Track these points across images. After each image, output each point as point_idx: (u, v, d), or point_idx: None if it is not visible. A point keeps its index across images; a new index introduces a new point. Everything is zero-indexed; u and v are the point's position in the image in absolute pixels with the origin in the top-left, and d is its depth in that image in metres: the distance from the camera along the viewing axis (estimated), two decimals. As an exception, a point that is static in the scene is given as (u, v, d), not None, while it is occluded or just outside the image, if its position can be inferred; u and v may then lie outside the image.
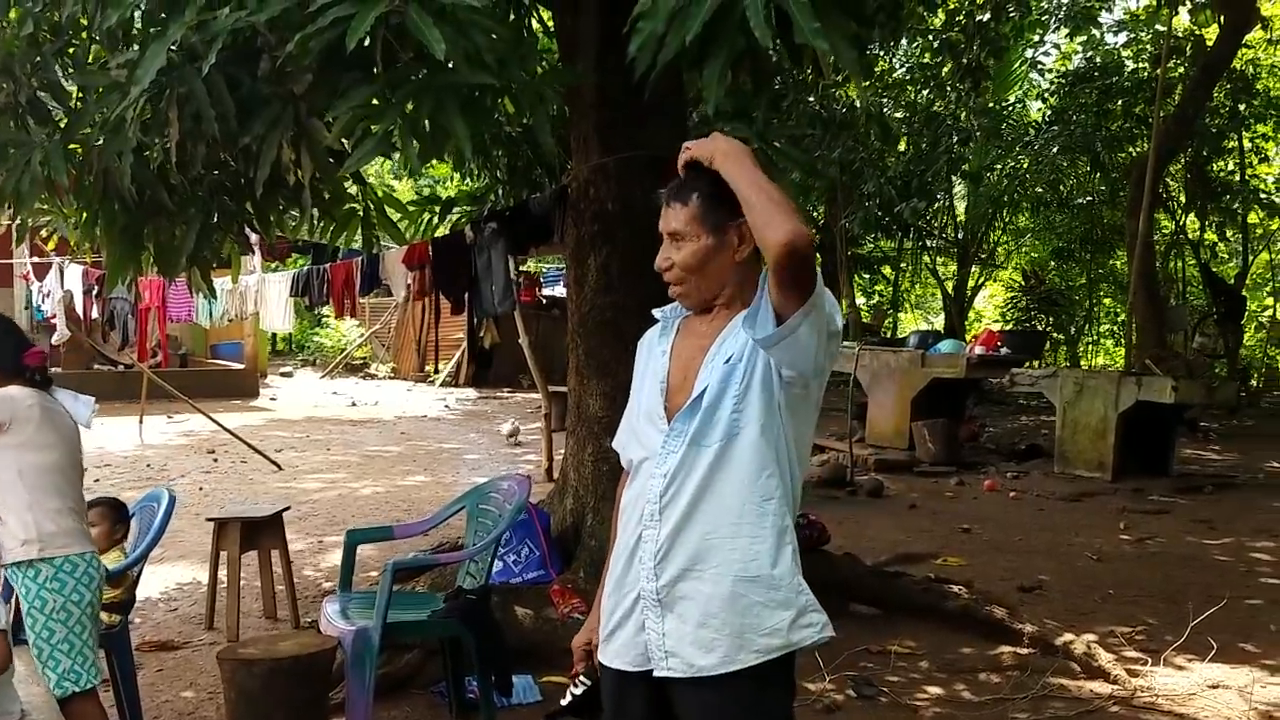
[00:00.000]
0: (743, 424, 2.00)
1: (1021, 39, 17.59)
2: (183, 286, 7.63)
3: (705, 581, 2.00)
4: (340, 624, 3.58)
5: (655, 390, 2.12)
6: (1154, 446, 9.96)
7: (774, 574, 2.00)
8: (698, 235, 2.06)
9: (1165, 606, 5.50)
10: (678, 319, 2.20)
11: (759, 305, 1.94)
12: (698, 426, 2.02)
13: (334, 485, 9.35)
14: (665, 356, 2.15)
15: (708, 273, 2.08)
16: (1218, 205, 17.55)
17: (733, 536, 2.00)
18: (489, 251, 5.92)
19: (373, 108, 3.31)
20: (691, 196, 2.06)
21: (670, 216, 2.08)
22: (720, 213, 2.06)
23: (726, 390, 2.01)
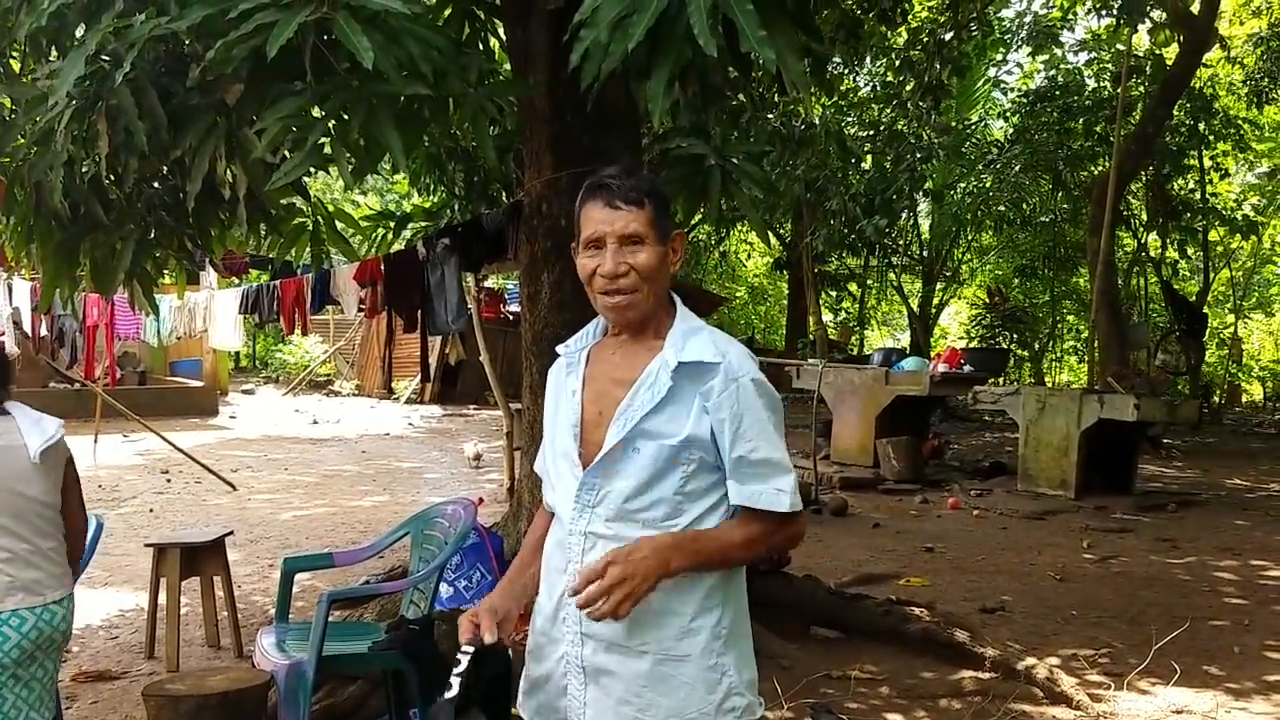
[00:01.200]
0: (689, 508, 1.89)
1: (984, 58, 17.76)
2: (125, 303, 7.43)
3: (631, 657, 1.88)
4: (274, 657, 3.42)
5: (568, 433, 1.96)
6: (1117, 464, 9.97)
7: (705, 653, 1.89)
8: (653, 241, 1.90)
9: (1128, 628, 5.43)
10: (584, 350, 2.04)
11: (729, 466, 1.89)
12: (629, 497, 1.87)
13: (289, 506, 9.14)
14: (576, 397, 1.98)
15: (657, 282, 1.93)
16: (1178, 223, 17.72)
17: (663, 613, 1.87)
18: (442, 268, 5.79)
19: (303, 118, 3.19)
20: (645, 200, 1.90)
21: (625, 219, 1.89)
22: (667, 221, 1.95)
23: (670, 472, 1.87)
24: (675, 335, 1.93)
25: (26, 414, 2.90)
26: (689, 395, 1.88)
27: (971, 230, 20.14)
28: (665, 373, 1.88)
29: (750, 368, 1.92)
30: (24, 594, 2.77)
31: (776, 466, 1.89)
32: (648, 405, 1.88)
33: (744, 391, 1.88)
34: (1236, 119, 16.50)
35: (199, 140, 3.59)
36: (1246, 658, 4.86)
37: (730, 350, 1.91)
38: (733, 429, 1.86)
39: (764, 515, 1.89)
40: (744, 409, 1.87)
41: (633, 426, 1.87)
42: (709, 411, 1.87)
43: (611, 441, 1.88)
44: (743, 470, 1.88)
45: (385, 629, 3.70)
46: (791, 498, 1.89)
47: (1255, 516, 8.78)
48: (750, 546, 1.91)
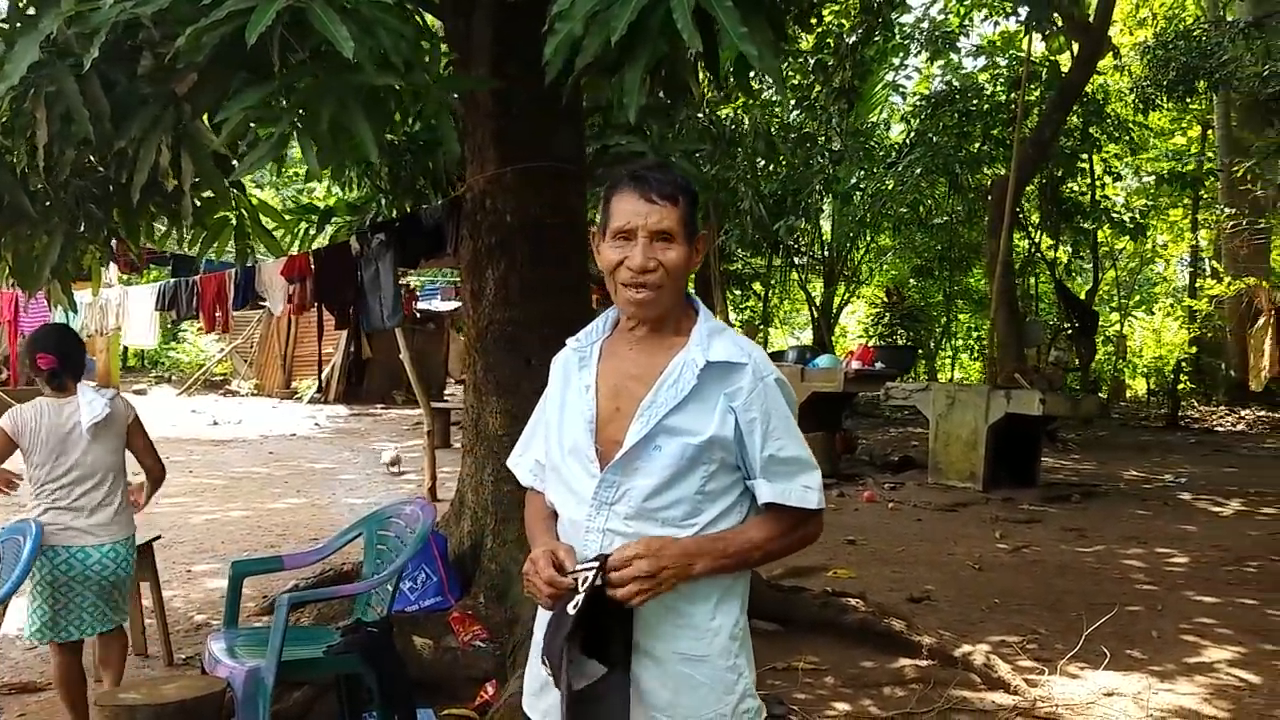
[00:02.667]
0: (708, 508, 1.90)
1: (884, 62, 18.21)
2: (39, 300, 7.10)
3: (648, 659, 1.87)
4: (229, 663, 3.33)
5: (582, 429, 1.93)
6: (1021, 457, 10.35)
7: (724, 653, 1.91)
8: (682, 239, 1.91)
9: (1050, 615, 5.65)
10: (595, 343, 2.02)
11: (754, 462, 1.90)
12: (650, 495, 1.87)
13: (199, 510, 8.84)
14: (590, 392, 1.96)
15: (681, 280, 1.94)
16: (1071, 225, 18.44)
17: (683, 615, 1.88)
18: (377, 264, 5.69)
19: (267, 109, 3.10)
20: (679, 198, 1.91)
21: (659, 214, 1.88)
22: (695, 221, 1.96)
23: (691, 471, 1.88)
24: (700, 334, 1.94)
25: (84, 393, 3.84)
26: (713, 395, 1.89)
27: (871, 231, 20.62)
28: (691, 371, 1.89)
29: (774, 368, 1.96)
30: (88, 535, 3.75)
31: (804, 464, 1.93)
32: (671, 402, 1.88)
33: (771, 391, 1.91)
34: (1127, 123, 17.25)
35: (145, 131, 3.46)
36: (1165, 641, 5.10)
37: (754, 351, 1.94)
38: (763, 428, 1.89)
39: (790, 513, 1.92)
40: (772, 408, 1.90)
41: (656, 423, 1.87)
42: (735, 412, 1.88)
43: (634, 438, 1.88)
44: (773, 469, 1.90)
45: (340, 632, 3.63)
46: (818, 495, 1.93)
47: (1154, 506, 9.22)
48: (772, 545, 1.93)
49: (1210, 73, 14.04)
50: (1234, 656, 4.84)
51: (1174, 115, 20.31)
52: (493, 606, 4.57)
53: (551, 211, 4.84)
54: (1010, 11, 14.68)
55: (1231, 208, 17.65)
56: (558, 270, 4.85)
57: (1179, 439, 14.57)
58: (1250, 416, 16.92)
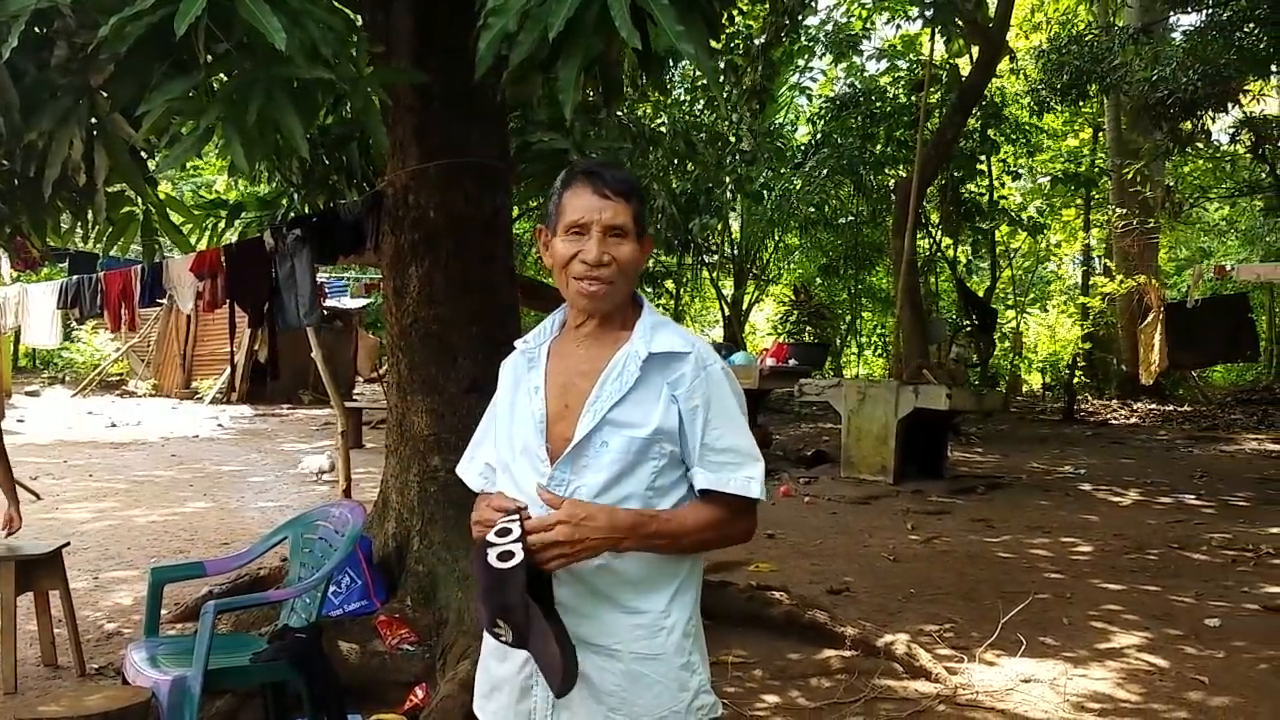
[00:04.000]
0: (659, 503, 1.89)
1: (790, 64, 18.49)
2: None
3: (603, 657, 1.87)
4: (152, 673, 3.22)
5: (532, 429, 1.93)
6: (929, 451, 10.63)
7: (678, 650, 1.91)
8: (633, 236, 1.92)
9: (964, 604, 5.81)
10: (543, 345, 2.02)
11: (692, 450, 1.90)
12: (600, 492, 1.86)
13: (103, 515, 8.52)
14: (539, 393, 1.96)
15: (631, 277, 1.95)
16: (971, 224, 18.97)
17: (636, 611, 1.88)
18: (292, 260, 5.53)
19: (191, 102, 3.01)
20: (632, 196, 1.92)
21: (612, 209, 1.89)
22: (645, 221, 1.97)
23: (640, 466, 1.88)
24: (643, 327, 1.95)
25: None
26: (657, 385, 1.90)
27: (779, 231, 20.92)
28: (634, 362, 1.90)
29: (718, 358, 1.97)
30: None
31: (746, 454, 1.93)
32: (616, 395, 1.88)
33: (714, 379, 1.92)
34: (1024, 125, 17.81)
35: (57, 124, 3.33)
36: (1076, 628, 5.29)
37: (698, 342, 1.96)
38: (704, 416, 1.89)
39: (727, 502, 1.91)
40: (713, 396, 1.91)
41: (602, 417, 1.88)
42: (678, 400, 1.89)
43: (581, 433, 1.88)
44: (711, 457, 1.89)
45: (268, 639, 3.54)
46: (760, 484, 1.92)
47: (1056, 497, 9.56)
48: (707, 532, 1.91)
49: (1101, 77, 14.59)
50: (1142, 641, 5.04)
51: (1067, 118, 21.08)
52: (420, 609, 4.51)
53: (475, 207, 4.80)
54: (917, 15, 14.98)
55: (1122, 208, 18.35)
56: (483, 267, 4.81)
57: (1076, 431, 15.11)
58: (1142, 409, 17.64)
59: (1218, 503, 9.17)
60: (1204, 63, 13.27)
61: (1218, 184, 19.26)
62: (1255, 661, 4.74)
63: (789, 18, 13.67)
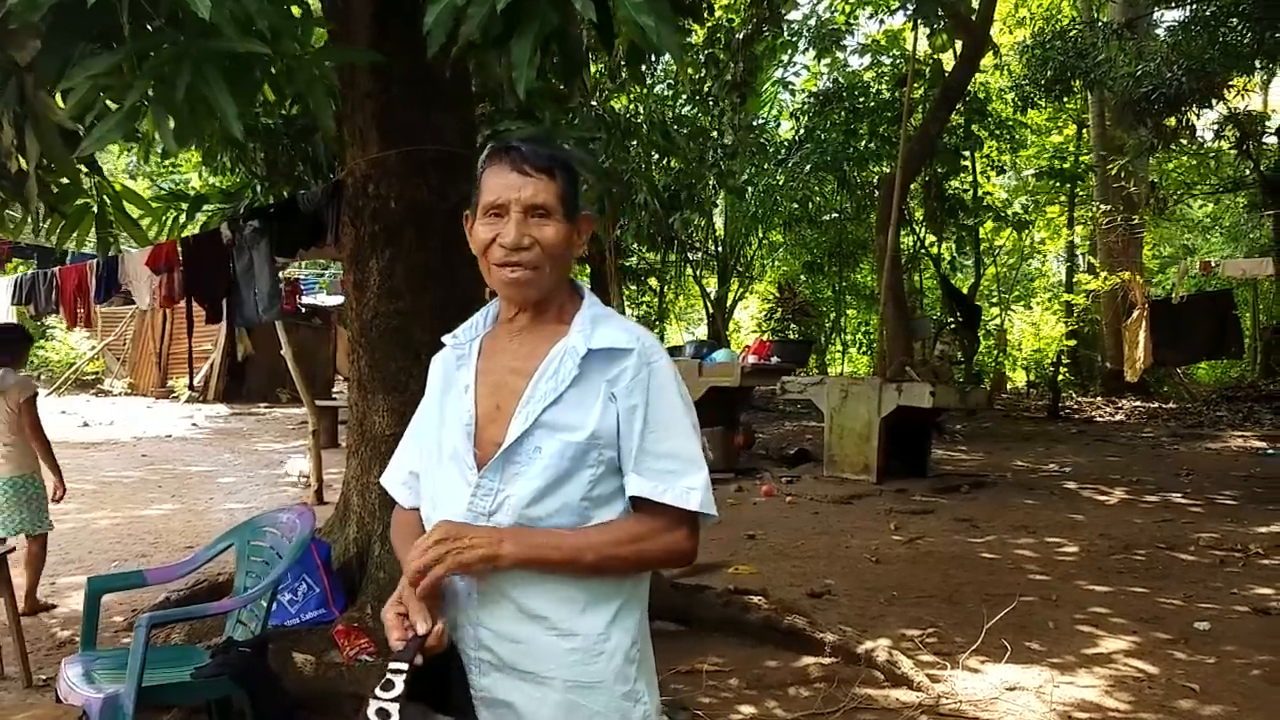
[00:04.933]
0: (596, 515, 1.71)
1: (773, 59, 18.33)
2: None
3: (536, 685, 1.69)
4: (85, 690, 3.02)
5: (461, 433, 1.74)
6: (912, 449, 10.48)
7: (620, 678, 1.72)
8: (561, 216, 1.72)
9: (947, 607, 5.65)
10: (475, 339, 1.83)
11: (631, 456, 1.70)
12: (531, 502, 1.68)
13: (65, 517, 8.25)
14: (469, 393, 1.76)
15: (562, 262, 1.75)
16: (955, 221, 18.86)
17: (570, 634, 1.69)
18: (250, 253, 5.32)
19: (117, 79, 2.80)
20: (556, 171, 1.72)
21: (532, 187, 1.70)
22: (576, 198, 1.76)
23: (575, 474, 1.69)
24: (583, 320, 1.75)
25: None
26: (595, 384, 1.70)
27: (763, 227, 20.77)
28: (571, 360, 1.70)
29: (664, 355, 1.76)
30: None
31: (689, 461, 1.72)
32: (551, 395, 1.69)
33: (657, 376, 1.72)
34: (1008, 121, 17.70)
35: (-19, 103, 3.11)
36: (1062, 632, 5.13)
37: (644, 336, 1.75)
38: (642, 416, 1.69)
39: (660, 515, 1.70)
40: (655, 395, 1.71)
41: (534, 419, 1.68)
42: (616, 399, 1.69)
43: (511, 437, 1.68)
44: (648, 462, 1.69)
45: (210, 653, 3.34)
46: (703, 495, 1.71)
47: (1041, 495, 9.41)
48: (633, 544, 1.69)
49: (1085, 73, 14.48)
50: (1130, 646, 4.88)
51: (1051, 114, 20.99)
52: (381, 619, 4.30)
53: (439, 197, 4.59)
54: (895, 8, 14.86)
55: (1106, 204, 18.28)
56: (447, 259, 4.61)
57: (1061, 429, 15.00)
58: (1127, 407, 17.55)
59: (1204, 501, 9.04)
60: (1188, 58, 13.18)
61: (1202, 180, 19.20)
62: (1247, 667, 4.59)
63: (770, 10, 13.54)
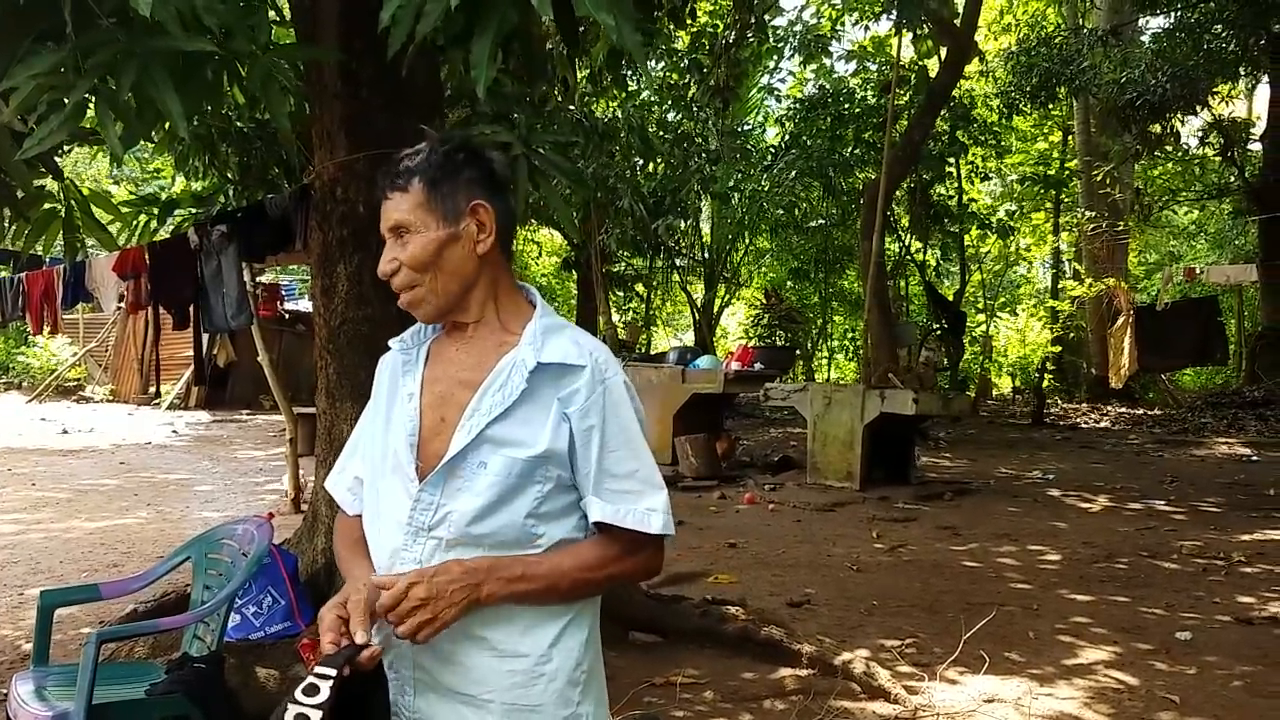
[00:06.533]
0: (543, 531, 1.65)
1: (759, 65, 18.30)
2: None
3: (472, 708, 1.63)
4: (35, 707, 2.93)
5: (404, 444, 1.68)
6: (896, 456, 10.42)
7: (561, 701, 1.66)
8: (427, 225, 1.66)
9: (927, 617, 5.58)
10: (423, 345, 1.78)
11: (589, 474, 1.65)
12: (474, 519, 1.61)
13: (38, 525, 8.16)
14: (413, 401, 1.71)
15: (446, 270, 1.66)
16: (940, 227, 18.85)
17: (511, 654, 1.63)
18: (218, 258, 5.24)
19: (61, 77, 2.71)
20: (413, 181, 1.66)
21: (389, 209, 1.67)
22: (455, 197, 1.67)
23: (522, 491, 1.63)
24: (533, 332, 1.69)
25: None
26: (546, 401, 1.64)
27: (750, 233, 20.72)
28: (520, 373, 1.64)
29: (618, 371, 1.70)
30: None
31: (646, 482, 1.68)
32: (497, 409, 1.63)
33: (612, 396, 1.67)
34: (993, 127, 17.70)
35: (-76, 102, 3.02)
36: (1042, 643, 5.06)
37: (596, 351, 1.69)
38: (599, 437, 1.64)
39: (624, 537, 1.66)
40: (611, 415, 1.66)
41: (479, 433, 1.62)
42: (570, 419, 1.64)
43: (454, 450, 1.62)
44: (609, 485, 1.65)
45: (165, 669, 3.24)
46: (663, 518, 1.67)
47: (1025, 503, 9.35)
48: (601, 569, 1.66)
49: (1070, 79, 14.50)
50: (1110, 657, 4.82)
51: (1036, 120, 21.01)
52: (347, 630, 4.21)
53: (409, 202, 4.51)
54: (880, 13, 14.83)
55: (1091, 211, 18.28)
56: (416, 265, 4.52)
57: (1045, 436, 14.96)
58: (1113, 413, 17.53)
59: (1188, 509, 9.00)
60: (1173, 65, 13.21)
61: (1187, 187, 19.22)
62: (1228, 678, 4.52)
63: (755, 16, 13.48)
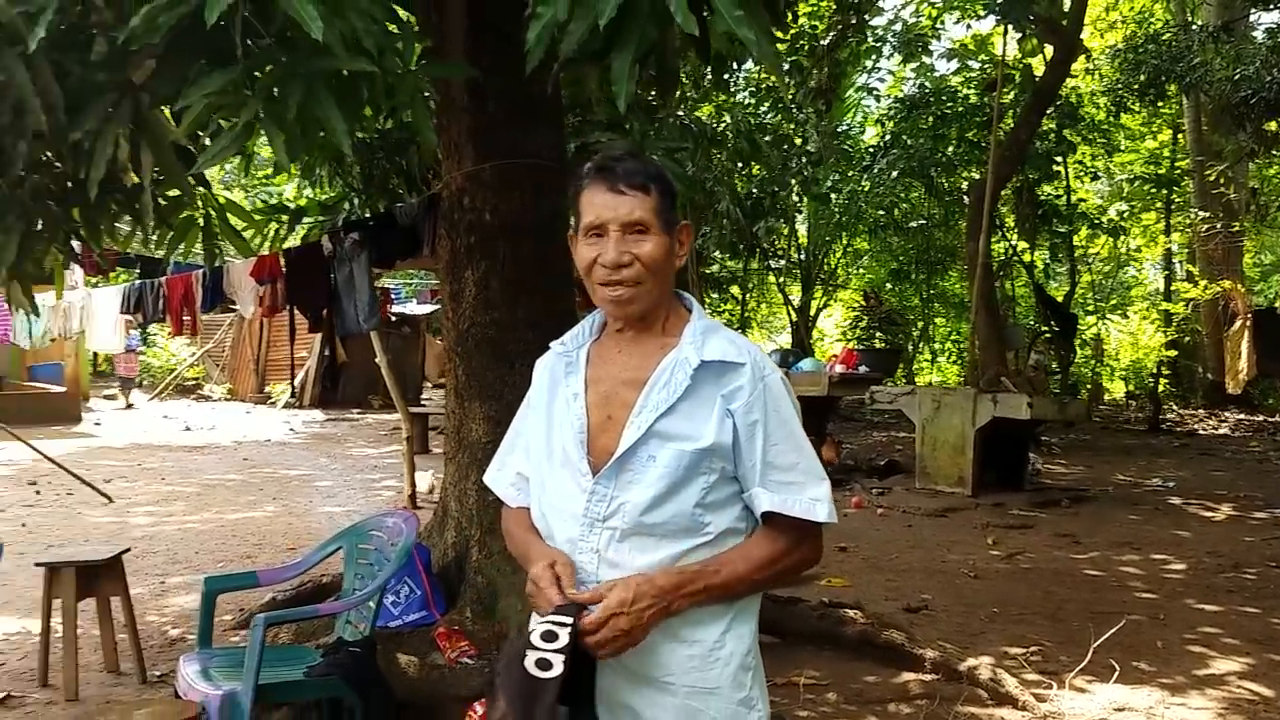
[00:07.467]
0: (710, 521, 1.74)
1: (857, 65, 18.13)
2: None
3: (656, 690, 1.73)
4: (203, 687, 3.12)
5: (572, 440, 1.78)
6: (1009, 462, 10.22)
7: (735, 685, 1.75)
8: (658, 230, 1.76)
9: (1051, 625, 5.49)
10: (582, 348, 1.87)
11: (753, 470, 1.74)
12: (646, 509, 1.71)
13: (172, 518, 8.58)
14: (579, 401, 1.80)
15: (662, 275, 1.78)
16: (1048, 227, 18.40)
17: (688, 641, 1.72)
18: (350, 265, 5.46)
19: (230, 97, 2.89)
20: (651, 186, 1.76)
21: (629, 204, 1.74)
22: (671, 211, 1.80)
23: (689, 482, 1.71)
24: (693, 332, 1.79)
25: None
26: (709, 397, 1.73)
27: (848, 234, 20.53)
28: (684, 371, 1.73)
29: (775, 368, 1.80)
30: None
31: (809, 472, 1.77)
32: (663, 405, 1.72)
33: (772, 391, 1.76)
34: (1101, 124, 17.23)
35: (100, 122, 3.24)
36: (1171, 653, 4.94)
37: (753, 350, 1.79)
38: (763, 431, 1.73)
39: (791, 529, 1.75)
40: (772, 410, 1.75)
41: (647, 429, 1.72)
42: (734, 415, 1.72)
43: (625, 445, 1.72)
44: (771, 476, 1.73)
45: (321, 653, 3.42)
46: (827, 506, 1.76)
47: (1145, 511, 9.10)
48: (772, 566, 1.76)
49: (1180, 76, 14.01)
50: (1242, 668, 4.69)
51: (1145, 118, 20.36)
52: (480, 622, 4.36)
53: (532, 209, 4.66)
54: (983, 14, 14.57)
55: (1205, 211, 17.65)
56: (540, 270, 4.66)
57: (1163, 442, 14.51)
58: (1231, 419, 16.91)
59: (1317, 518, 8.65)
60: (1289, 61, 12.67)
61: (1305, 186, 18.42)
62: (1372, 692, 4.37)
63: (855, 16, 13.41)
